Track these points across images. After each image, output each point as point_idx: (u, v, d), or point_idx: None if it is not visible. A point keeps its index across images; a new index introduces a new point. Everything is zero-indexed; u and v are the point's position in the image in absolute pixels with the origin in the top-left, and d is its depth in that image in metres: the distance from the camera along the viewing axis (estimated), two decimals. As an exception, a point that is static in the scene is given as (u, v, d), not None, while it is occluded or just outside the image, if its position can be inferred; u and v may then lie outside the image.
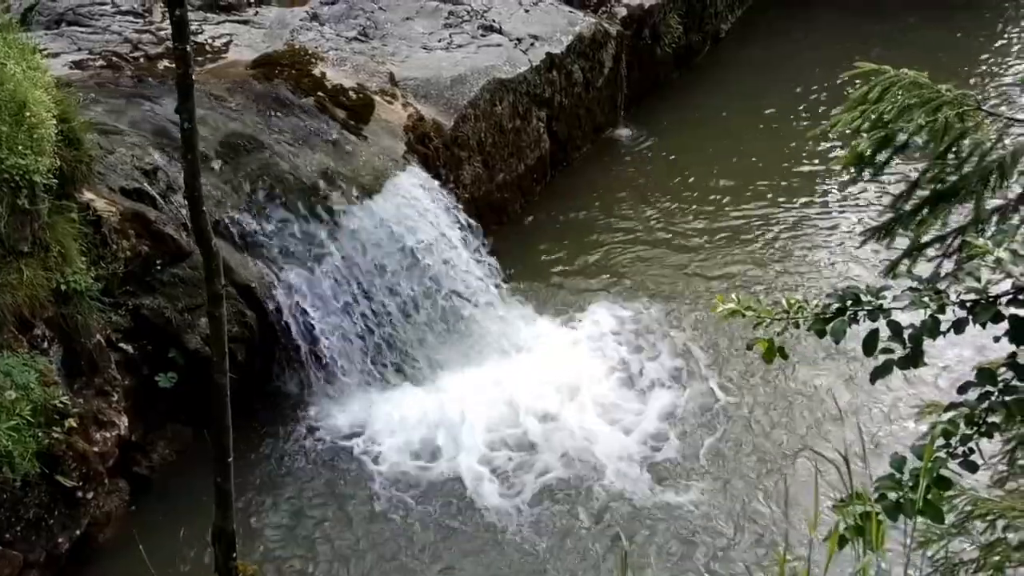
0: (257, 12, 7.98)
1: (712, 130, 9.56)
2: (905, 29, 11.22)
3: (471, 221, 6.72)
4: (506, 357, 6.41)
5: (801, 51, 11.00)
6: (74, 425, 4.62)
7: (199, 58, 7.00)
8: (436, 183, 6.71)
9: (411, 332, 6.23)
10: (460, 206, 6.78)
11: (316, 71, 6.74)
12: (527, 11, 8.68)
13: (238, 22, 7.72)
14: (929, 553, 3.35)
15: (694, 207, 8.25)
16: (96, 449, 4.87)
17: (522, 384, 6.11)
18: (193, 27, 7.52)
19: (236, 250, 5.83)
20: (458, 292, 6.27)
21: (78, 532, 4.81)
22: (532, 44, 8.26)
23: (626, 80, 9.65)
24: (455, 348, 6.35)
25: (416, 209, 6.30)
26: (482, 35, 8.06)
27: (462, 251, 6.39)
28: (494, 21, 8.30)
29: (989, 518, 3.35)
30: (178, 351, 5.61)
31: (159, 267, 5.54)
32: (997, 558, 3.22)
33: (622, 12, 9.61)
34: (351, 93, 6.71)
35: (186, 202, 3.42)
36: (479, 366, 6.35)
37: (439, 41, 7.87)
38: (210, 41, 7.33)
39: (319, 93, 6.52)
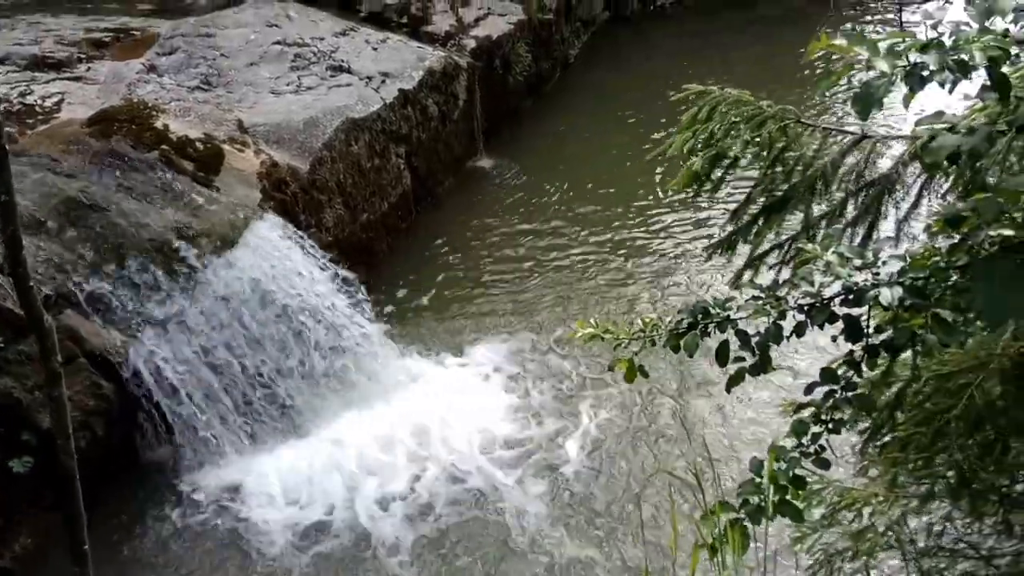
0: (89, 68, 7.62)
1: (566, 155, 9.82)
2: (742, 45, 11.89)
3: (336, 265, 6.60)
4: (385, 399, 6.31)
5: (644, 73, 11.47)
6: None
7: (29, 120, 6.63)
8: (297, 229, 6.56)
9: (284, 384, 6.04)
10: (324, 250, 6.66)
11: (158, 124, 6.49)
12: (375, 49, 8.68)
13: (69, 79, 7.35)
14: (805, 547, 3.49)
15: (556, 234, 8.41)
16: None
17: (404, 424, 6.03)
18: (20, 87, 7.12)
19: (86, 318, 5.51)
20: (329, 338, 6.13)
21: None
22: (383, 81, 8.25)
23: (482, 110, 9.78)
24: (332, 395, 6.21)
25: (278, 258, 6.14)
26: (331, 76, 7.99)
27: (330, 296, 6.26)
28: (343, 61, 8.25)
29: (855, 507, 3.53)
30: (31, 432, 5.24)
31: (2, 345, 5.18)
32: (867, 545, 3.38)
33: (471, 44, 9.75)
34: (198, 144, 6.49)
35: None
36: (359, 411, 6.22)
37: (287, 84, 7.75)
38: (40, 101, 6.95)
39: (163, 147, 6.28)
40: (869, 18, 13.04)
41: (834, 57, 9.46)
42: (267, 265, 5.97)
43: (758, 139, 2.77)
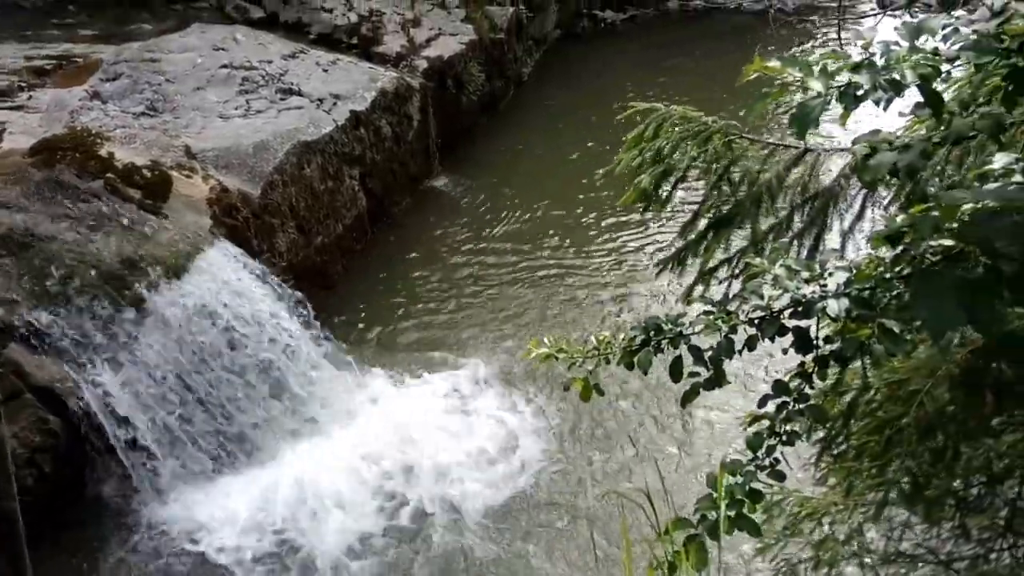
0: (31, 96, 7.48)
1: (521, 172, 9.89)
2: (692, 61, 12.08)
3: (291, 289, 6.53)
4: (344, 424, 6.24)
5: (596, 89, 11.60)
6: None
7: (-33, 150, 6.49)
8: (249, 255, 6.49)
9: (238, 412, 5.94)
10: (278, 275, 6.59)
11: (103, 152, 6.39)
12: (326, 71, 8.65)
13: (10, 108, 7.21)
14: (768, 558, 3.52)
15: (513, 252, 8.44)
16: None
17: (363, 450, 5.97)
18: (-42, 116, 6.96)
19: (31, 351, 5.38)
20: (284, 364, 6.05)
21: None
22: (335, 103, 8.22)
23: (436, 130, 9.80)
24: (288, 422, 6.12)
25: (230, 284, 6.05)
26: (281, 99, 7.94)
27: (285, 321, 6.19)
28: (292, 83, 8.21)
29: (816, 517, 3.57)
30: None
31: (-61, 383, 5.03)
32: (829, 554, 3.42)
33: (423, 65, 9.77)
34: (144, 171, 6.40)
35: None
36: (316, 437, 6.15)
37: (236, 108, 7.68)
38: (-21, 131, 6.81)
39: (108, 175, 6.17)
40: (814, 34, 13.33)
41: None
42: (218, 292, 5.89)
43: (704, 155, 2.81)
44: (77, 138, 6.49)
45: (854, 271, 2.34)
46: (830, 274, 2.40)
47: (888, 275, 2.24)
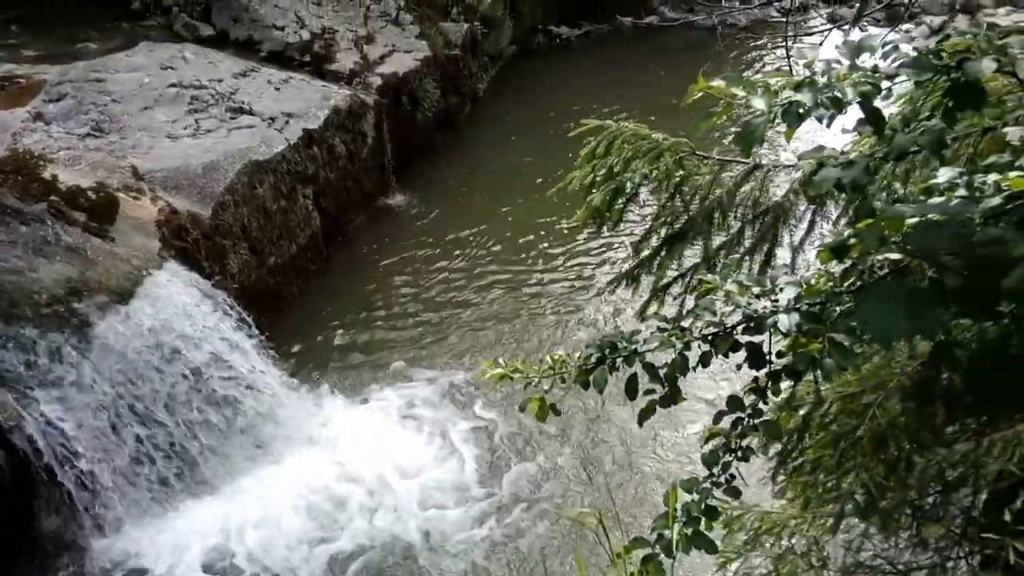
0: (-30, 117, 7.31)
1: (477, 188, 9.89)
2: (646, 76, 12.21)
3: (243, 311, 6.44)
4: (300, 449, 6.15)
5: (551, 105, 11.67)
6: None
7: (-97, 173, 6.30)
8: (200, 277, 6.38)
9: (189, 440, 5.83)
10: (230, 297, 6.49)
11: (46, 174, 6.26)
12: (278, 89, 8.58)
13: (-52, 129, 7.04)
14: (729, 573, 3.53)
15: (469, 269, 8.42)
16: None
17: (317, 477, 5.89)
18: None
19: (-28, 383, 5.23)
20: (236, 389, 5.95)
21: None
22: (287, 122, 8.15)
23: (391, 147, 9.77)
24: (241, 449, 6.02)
25: (179, 308, 5.94)
26: (231, 118, 7.85)
27: (235, 344, 6.10)
28: (243, 102, 8.13)
29: (776, 530, 3.59)
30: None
31: None
32: (788, 567, 3.44)
33: (377, 82, 9.74)
34: (90, 193, 6.28)
35: None
36: (270, 464, 6.05)
37: (185, 128, 7.58)
38: (-84, 154, 6.62)
39: (52, 197, 6.04)
40: (766, 49, 13.58)
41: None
42: (167, 316, 5.78)
43: (656, 172, 2.82)
44: (19, 160, 6.36)
45: (804, 286, 2.37)
46: (781, 289, 2.43)
47: (838, 289, 2.28)
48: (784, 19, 13.06)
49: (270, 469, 6.01)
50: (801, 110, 1.55)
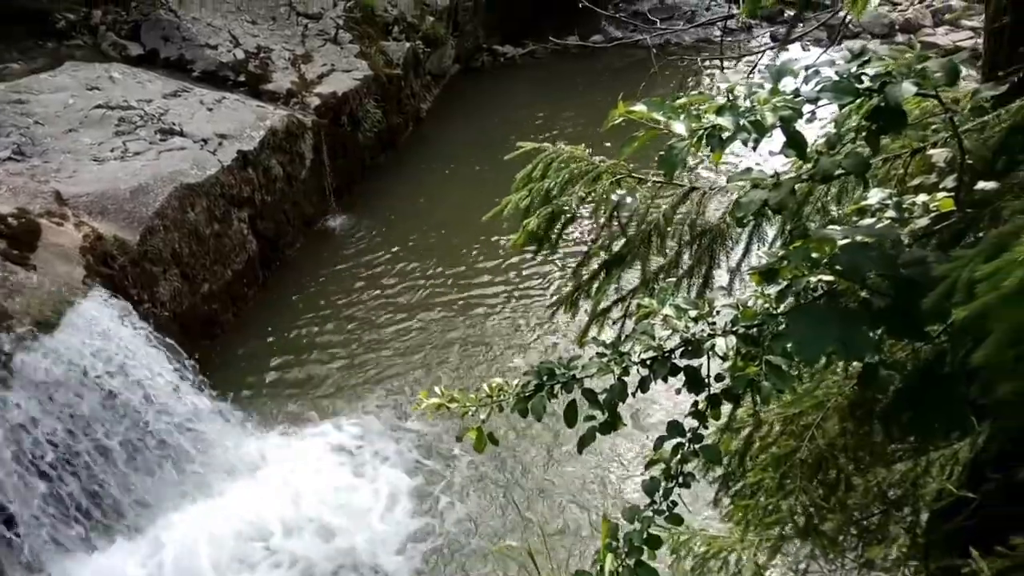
0: None
1: (420, 210, 9.87)
2: (590, 95, 12.36)
3: (173, 340, 6.32)
4: (230, 484, 6.03)
5: (496, 124, 11.75)
6: None
7: None
8: (127, 306, 6.25)
9: (114, 476, 5.67)
10: (161, 326, 6.37)
11: (-38, 200, 6.09)
12: (210, 110, 8.49)
13: None
14: (676, 600, 3.55)
15: (409, 295, 8.39)
16: None
17: (252, 513, 5.77)
18: None
19: None
20: (164, 422, 5.82)
21: None
22: (220, 143, 8.06)
23: (332, 168, 9.72)
24: (169, 486, 5.87)
25: (105, 338, 5.80)
26: (161, 139, 7.74)
27: (164, 376, 5.97)
28: (174, 123, 8.02)
29: (722, 555, 3.63)
30: None
31: None
32: (731, 593, 3.47)
33: (315, 101, 9.70)
34: (10, 220, 6.11)
35: None
36: (201, 500, 5.92)
37: (112, 151, 7.44)
38: None
39: (-32, 224, 5.88)
40: (708, 68, 13.85)
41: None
42: (93, 347, 5.64)
43: (593, 195, 2.85)
44: (-68, 185, 6.17)
45: (741, 308, 2.41)
46: (718, 312, 2.48)
47: (774, 311, 2.32)
48: (727, 39, 13.36)
49: (199, 504, 5.88)
50: (725, 135, 1.59)
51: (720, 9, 15.11)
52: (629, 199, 2.89)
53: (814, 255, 1.81)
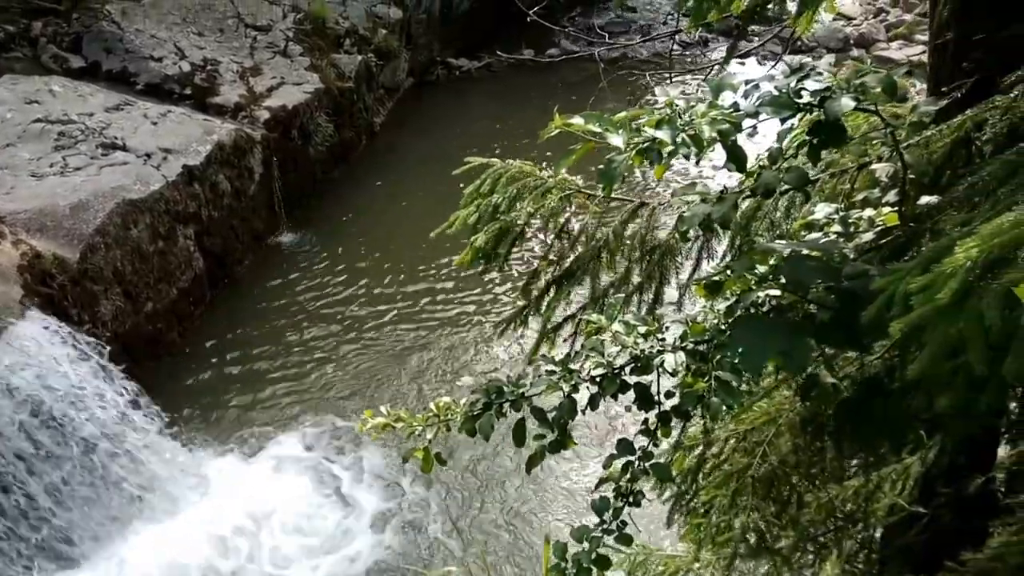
0: None
1: (372, 225, 9.83)
2: (546, 109, 12.42)
3: (117, 362, 6.20)
4: (177, 510, 5.92)
5: (450, 138, 11.76)
6: None
7: None
8: (67, 326, 6.12)
9: (58, 505, 5.54)
10: (102, 346, 6.24)
11: None
12: (155, 124, 8.38)
13: None
14: (633, 621, 3.55)
15: (361, 312, 8.35)
16: None
17: (199, 539, 5.67)
18: None
19: None
20: (107, 447, 5.70)
21: None
22: (165, 158, 7.96)
23: (282, 183, 9.64)
24: (116, 511, 5.75)
25: (43, 360, 5.68)
26: (103, 154, 7.61)
27: (105, 398, 5.85)
28: (116, 138, 7.90)
29: (679, 574, 3.64)
30: None
31: None
32: (689, 612, 3.48)
33: (264, 115, 9.62)
34: (-59, 238, 5.98)
35: None
36: (147, 526, 5.80)
37: (51, 166, 7.30)
38: None
39: None
40: (663, 81, 14.03)
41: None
42: (29, 370, 5.51)
43: (541, 210, 2.86)
44: None
45: (690, 324, 2.43)
46: (667, 328, 2.49)
47: (723, 326, 2.35)
48: (683, 52, 13.56)
49: (146, 531, 5.76)
50: (666, 149, 1.60)
51: (674, 24, 15.31)
52: (578, 215, 2.91)
53: (758, 267, 1.83)
